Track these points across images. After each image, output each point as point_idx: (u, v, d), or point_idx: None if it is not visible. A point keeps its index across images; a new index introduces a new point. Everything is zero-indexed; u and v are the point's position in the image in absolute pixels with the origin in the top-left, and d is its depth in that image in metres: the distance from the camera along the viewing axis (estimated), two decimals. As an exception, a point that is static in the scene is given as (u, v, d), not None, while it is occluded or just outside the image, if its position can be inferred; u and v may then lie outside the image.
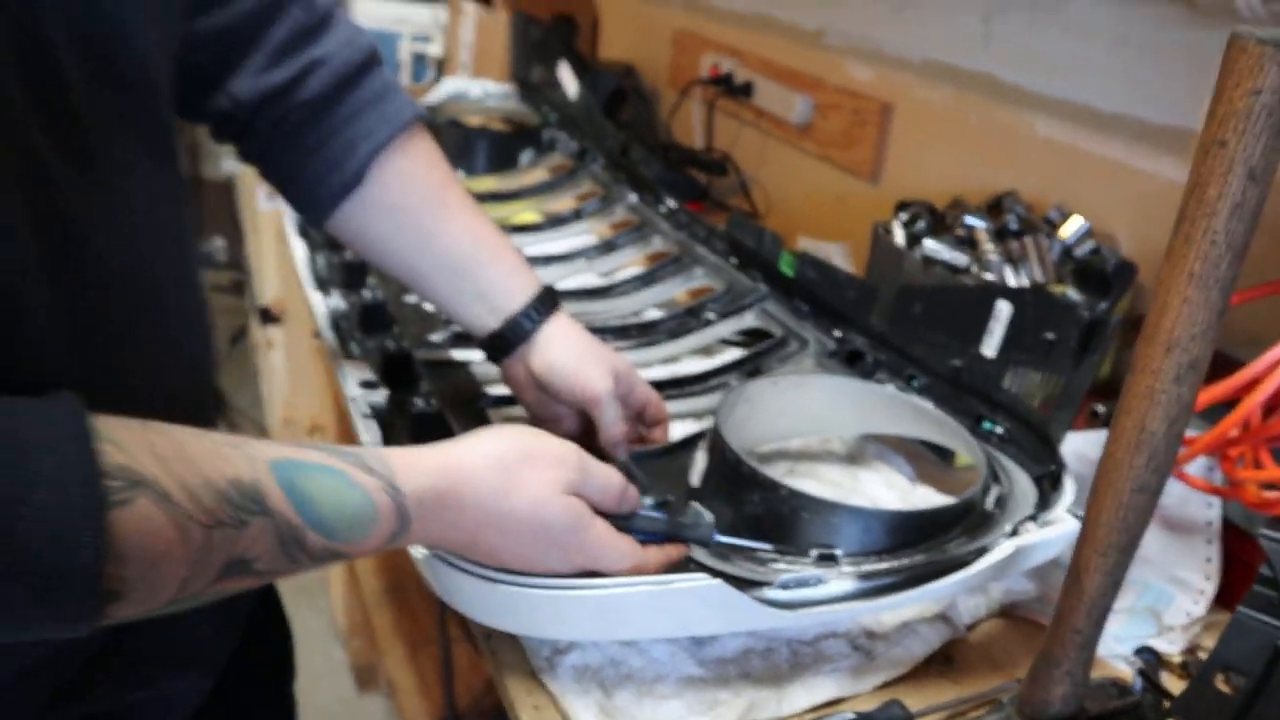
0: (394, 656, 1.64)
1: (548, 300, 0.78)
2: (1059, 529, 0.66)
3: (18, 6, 0.47)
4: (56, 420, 0.41)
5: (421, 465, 0.56)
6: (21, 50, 0.47)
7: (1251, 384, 0.66)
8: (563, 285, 1.11)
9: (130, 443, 0.43)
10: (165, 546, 0.42)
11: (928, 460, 0.91)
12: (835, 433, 0.90)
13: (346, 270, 1.09)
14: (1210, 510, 0.77)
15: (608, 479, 0.63)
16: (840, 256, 1.20)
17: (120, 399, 0.45)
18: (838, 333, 0.97)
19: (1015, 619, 0.75)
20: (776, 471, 0.82)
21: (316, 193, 0.74)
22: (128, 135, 0.55)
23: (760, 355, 0.98)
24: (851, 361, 0.95)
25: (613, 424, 0.76)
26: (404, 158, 0.75)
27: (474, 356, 0.95)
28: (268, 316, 2.35)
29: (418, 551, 0.62)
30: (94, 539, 0.39)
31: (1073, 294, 0.77)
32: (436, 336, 0.98)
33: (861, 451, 0.92)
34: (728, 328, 1.05)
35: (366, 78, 0.74)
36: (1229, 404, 0.68)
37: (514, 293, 0.77)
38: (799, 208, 1.47)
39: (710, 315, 1.05)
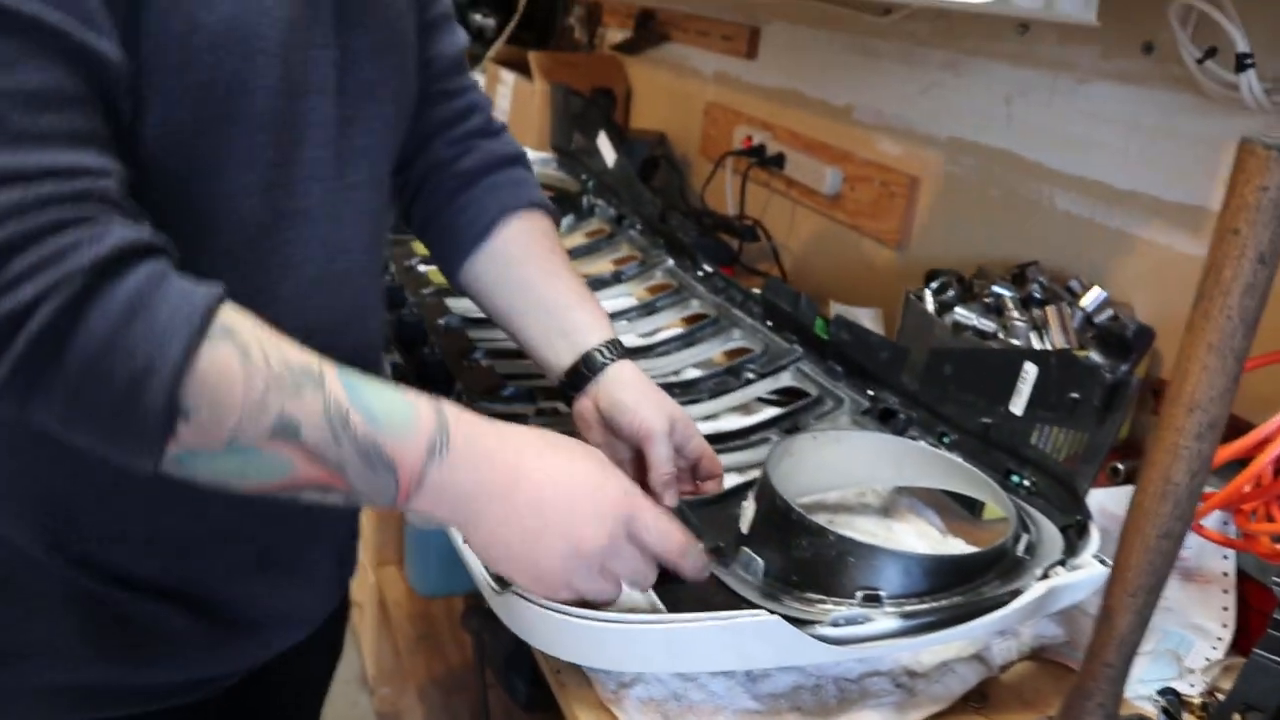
0: (429, 703, 1.68)
1: (619, 346, 0.87)
2: (1087, 573, 0.72)
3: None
4: (201, 288, 0.55)
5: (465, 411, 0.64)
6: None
7: (1263, 443, 0.72)
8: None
9: (242, 319, 0.56)
10: (230, 385, 0.54)
11: (956, 513, 0.96)
12: (872, 485, 0.96)
13: (402, 327, 1.16)
14: (1226, 562, 0.83)
15: (671, 532, 0.68)
16: (870, 320, 1.26)
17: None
18: (871, 392, 1.03)
19: (1045, 661, 0.80)
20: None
21: (456, 241, 0.91)
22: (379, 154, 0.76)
23: (798, 413, 1.04)
24: (884, 419, 1.01)
25: (664, 462, 0.81)
26: (524, 223, 0.91)
27: (528, 410, 1.01)
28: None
29: (491, 588, 0.68)
30: (181, 350, 0.52)
31: (1095, 357, 0.84)
32: (493, 392, 1.04)
33: (894, 504, 0.98)
34: (765, 387, 1.11)
35: (511, 168, 0.93)
36: (1242, 462, 0.74)
37: (591, 333, 0.87)
38: (826, 273, 1.54)
39: (749, 375, 1.11)
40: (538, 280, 0.88)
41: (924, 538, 0.92)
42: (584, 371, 0.86)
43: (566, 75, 2.01)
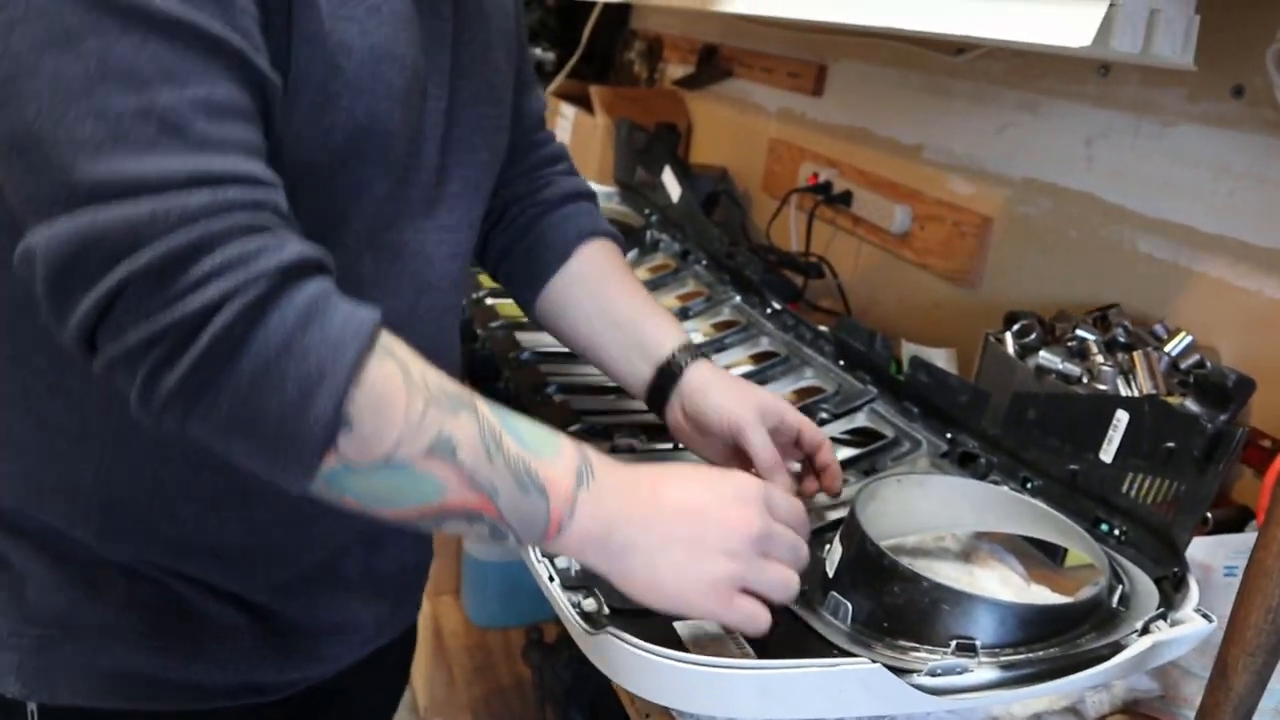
0: (482, 736, 1.67)
1: (694, 349, 0.90)
2: (1190, 628, 0.70)
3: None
4: (368, 310, 0.57)
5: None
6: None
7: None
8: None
9: (399, 343, 0.58)
10: (394, 396, 0.55)
11: (1038, 560, 0.95)
12: (955, 529, 0.94)
13: (475, 361, 1.17)
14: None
15: (797, 502, 0.70)
16: (944, 361, 1.25)
17: None
18: (949, 434, 1.02)
19: (1137, 715, 0.79)
20: (902, 565, 0.86)
21: (535, 266, 0.94)
22: (470, 199, 0.80)
23: (875, 454, 1.03)
24: (964, 462, 0.99)
25: (762, 447, 0.84)
26: (598, 248, 0.95)
27: (603, 447, 1.01)
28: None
29: (583, 628, 0.67)
30: (354, 358, 0.54)
31: (1191, 405, 0.82)
32: (569, 428, 1.04)
33: (975, 549, 0.96)
34: (839, 427, 1.10)
35: (586, 201, 0.99)
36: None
37: (664, 343, 0.90)
38: (893, 312, 1.53)
39: (824, 414, 1.10)
40: (612, 298, 0.92)
41: (1008, 584, 0.91)
42: (664, 382, 0.89)
43: (627, 110, 2.03)
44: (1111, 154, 1.15)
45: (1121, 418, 0.84)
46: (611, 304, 0.92)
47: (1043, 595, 0.90)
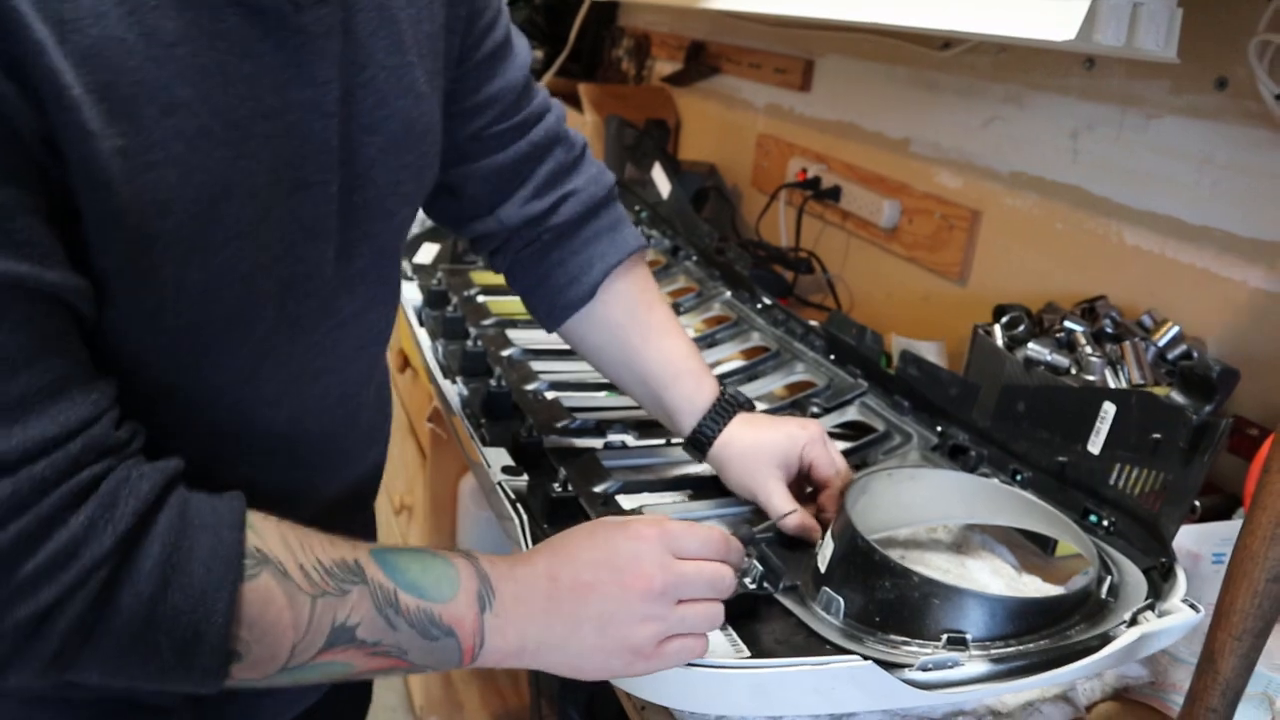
0: (478, 734, 1.67)
1: (721, 410, 0.88)
2: (1178, 618, 0.71)
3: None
4: (221, 511, 0.53)
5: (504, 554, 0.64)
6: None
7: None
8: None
9: (267, 532, 0.54)
10: (278, 614, 0.52)
11: (1029, 550, 0.95)
12: (946, 522, 0.95)
13: (467, 358, 1.17)
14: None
15: (705, 531, 0.66)
16: (934, 354, 1.26)
17: (302, 494, 0.60)
18: (939, 428, 1.03)
19: (1128, 701, 0.79)
20: (893, 559, 0.87)
21: (555, 301, 0.89)
22: (382, 266, 0.71)
23: (865, 448, 1.04)
24: (954, 455, 1.00)
25: (781, 511, 0.84)
26: (624, 280, 0.89)
27: (596, 443, 1.01)
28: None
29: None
30: (226, 605, 0.50)
31: (1177, 396, 0.83)
32: (561, 424, 1.04)
33: (967, 541, 0.97)
34: (830, 421, 1.11)
35: (605, 210, 0.90)
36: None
37: (694, 410, 0.89)
38: (883, 306, 1.53)
39: (814, 409, 1.11)
40: (637, 350, 0.89)
41: (999, 575, 0.91)
42: (696, 448, 0.90)
43: (616, 107, 2.03)
44: (1097, 147, 1.15)
45: (1109, 409, 0.85)
46: (637, 358, 0.89)
47: (1034, 585, 0.90)
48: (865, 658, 0.65)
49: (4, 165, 0.45)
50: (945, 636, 0.70)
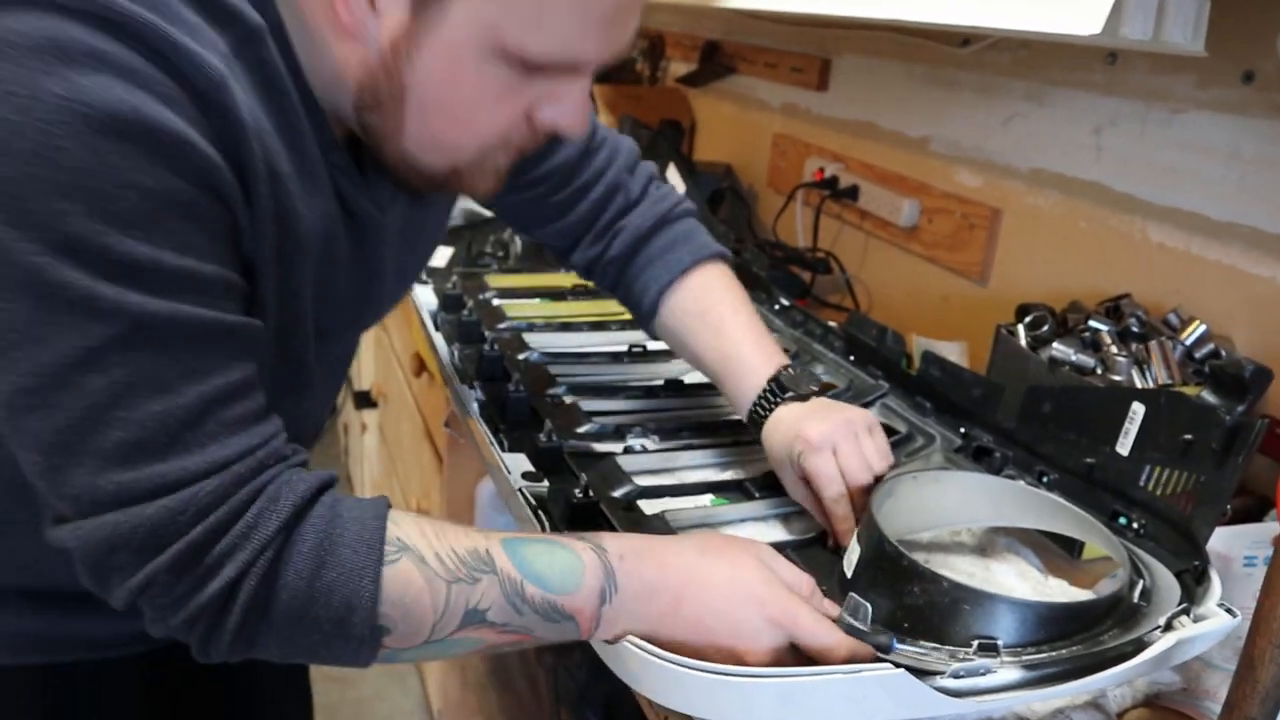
0: (497, 739, 1.66)
1: (764, 404, 0.91)
2: (1215, 623, 0.69)
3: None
4: (366, 506, 0.62)
5: (626, 537, 0.70)
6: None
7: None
8: (688, 379, 1.17)
9: (406, 523, 0.62)
10: (417, 595, 0.60)
11: (1054, 553, 0.94)
12: (970, 525, 0.94)
13: (484, 363, 1.16)
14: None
15: (797, 573, 0.70)
16: (956, 354, 1.24)
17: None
18: (963, 429, 1.02)
19: (1159, 708, 0.78)
20: (919, 563, 0.86)
21: (635, 316, 1.02)
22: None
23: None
24: (979, 457, 0.99)
25: (793, 492, 0.88)
26: (680, 293, 0.97)
27: (616, 448, 1.00)
28: (366, 400, 2.43)
29: (604, 640, 0.67)
30: (372, 583, 0.58)
31: (1208, 396, 0.81)
32: (581, 429, 1.03)
33: (991, 543, 0.95)
34: (852, 423, 1.09)
35: (658, 235, 0.99)
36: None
37: (744, 403, 0.93)
38: (902, 306, 1.52)
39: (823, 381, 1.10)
40: (697, 351, 0.96)
41: (1025, 578, 0.90)
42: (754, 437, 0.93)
43: (630, 108, 2.02)
44: (1120, 143, 1.14)
45: (1137, 410, 0.83)
46: (699, 361, 0.97)
47: (1061, 589, 0.89)
48: (898, 665, 0.64)
49: (226, 248, 0.58)
50: (976, 643, 0.69)
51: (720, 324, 0.95)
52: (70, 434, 0.53)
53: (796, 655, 0.67)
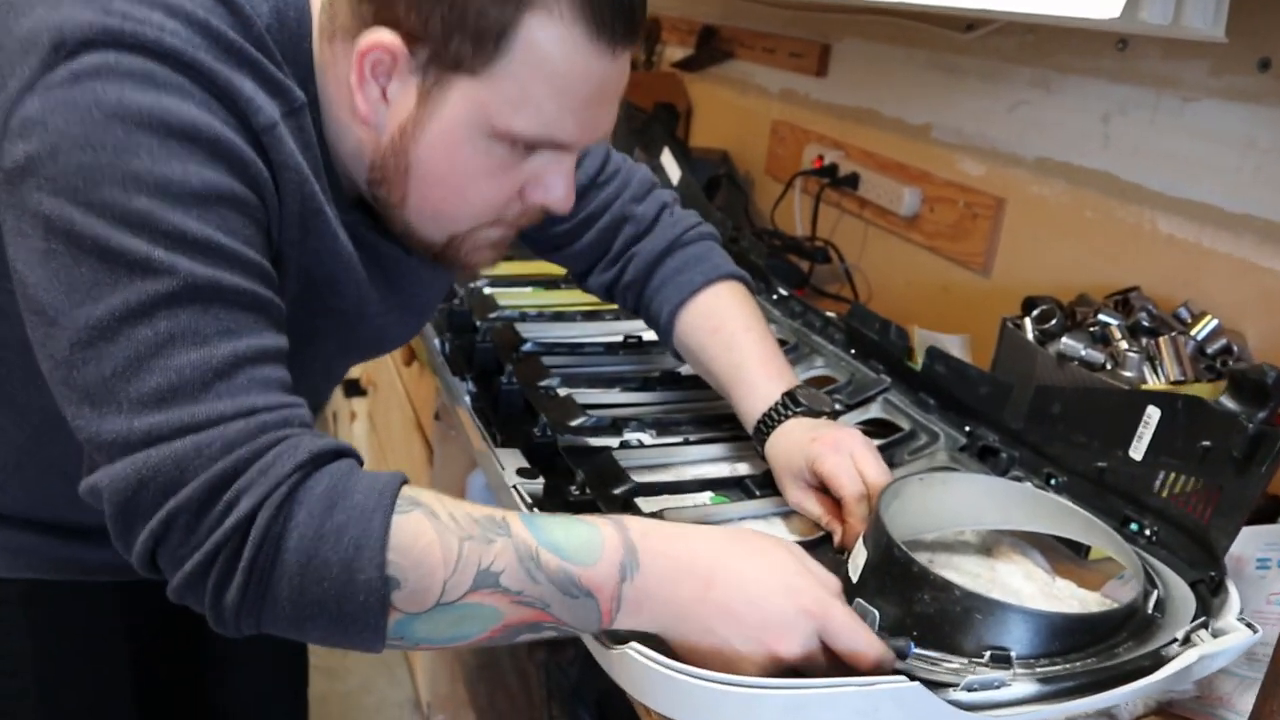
0: (487, 733, 1.64)
1: (768, 422, 0.91)
2: (1235, 639, 0.67)
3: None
4: (382, 472, 0.62)
5: (650, 520, 0.70)
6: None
7: None
8: (685, 370, 1.14)
9: (420, 488, 0.63)
10: (428, 546, 0.59)
11: (1060, 553, 0.92)
12: (977, 527, 0.91)
13: (476, 354, 1.13)
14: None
15: (825, 571, 0.68)
16: (958, 348, 1.21)
17: None
18: (967, 427, 0.99)
19: (1171, 716, 0.75)
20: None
21: (656, 334, 1.03)
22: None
23: (891, 447, 1.00)
24: (984, 456, 0.96)
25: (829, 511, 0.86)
26: (691, 314, 0.99)
27: (612, 442, 0.98)
28: (355, 388, 2.40)
29: (602, 643, 0.64)
30: (382, 524, 0.58)
31: (1227, 401, 0.79)
32: (575, 423, 1.01)
33: (996, 543, 0.93)
34: (853, 419, 1.07)
35: (669, 259, 1.01)
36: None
37: (749, 418, 0.93)
38: (902, 296, 1.49)
39: (837, 406, 1.07)
40: (708, 367, 0.98)
41: (1032, 580, 0.87)
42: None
43: (625, 93, 1.98)
44: (1130, 131, 1.11)
45: (1152, 413, 0.81)
46: (711, 378, 0.99)
47: (1069, 591, 0.86)
48: (912, 678, 0.61)
49: (263, 241, 0.66)
50: (988, 654, 0.67)
51: (732, 339, 0.96)
52: (114, 380, 0.57)
53: (788, 668, 0.64)
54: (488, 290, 1.38)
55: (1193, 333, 0.96)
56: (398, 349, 0.98)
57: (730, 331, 0.96)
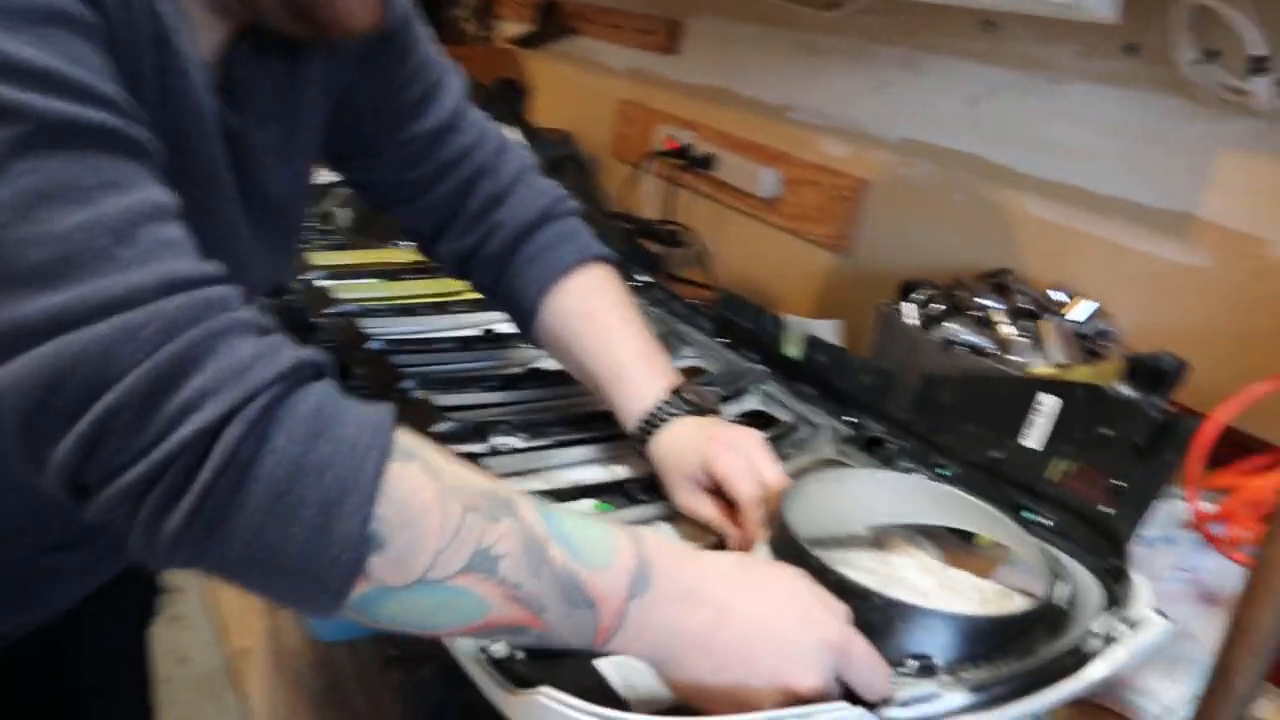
0: (332, 759, 1.52)
1: (654, 421, 0.84)
2: (1156, 631, 0.65)
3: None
4: (379, 408, 0.50)
5: (657, 536, 0.62)
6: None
7: None
8: (549, 365, 1.07)
9: (421, 440, 0.52)
10: (424, 505, 0.49)
11: (949, 542, 0.90)
12: (873, 523, 0.88)
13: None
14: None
15: (835, 600, 0.62)
16: (830, 333, 1.18)
17: None
18: (848, 418, 0.95)
19: (1088, 706, 0.74)
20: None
21: (514, 318, 0.94)
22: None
23: (773, 441, 0.95)
24: (870, 448, 0.93)
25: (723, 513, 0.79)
26: (561, 297, 0.89)
27: (481, 449, 0.89)
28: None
29: (505, 689, 0.56)
30: (375, 469, 0.47)
31: (1124, 389, 0.77)
32: (435, 429, 0.92)
33: (886, 536, 0.90)
34: (729, 411, 1.02)
35: (538, 232, 0.91)
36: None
37: (630, 416, 0.86)
38: (763, 280, 1.46)
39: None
40: (581, 357, 0.89)
41: (929, 572, 0.84)
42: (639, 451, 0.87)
43: (460, 65, 1.88)
44: (998, 113, 1.10)
45: (1045, 400, 0.79)
46: (583, 371, 0.90)
47: (967, 581, 0.84)
48: (856, 702, 0.56)
49: (112, 66, 0.51)
50: (915, 664, 0.63)
51: (608, 331, 0.88)
52: None
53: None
54: (323, 283, 1.26)
55: (1072, 315, 0.96)
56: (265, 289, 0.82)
57: (605, 323, 0.89)
